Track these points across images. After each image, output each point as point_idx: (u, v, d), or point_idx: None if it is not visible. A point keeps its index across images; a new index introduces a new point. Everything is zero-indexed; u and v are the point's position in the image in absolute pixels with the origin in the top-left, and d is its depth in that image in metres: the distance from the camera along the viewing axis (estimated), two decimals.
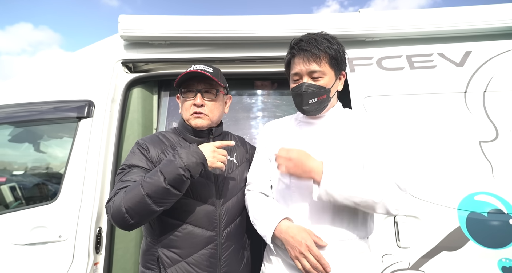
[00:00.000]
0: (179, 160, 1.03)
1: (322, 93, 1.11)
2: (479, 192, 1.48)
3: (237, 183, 1.31)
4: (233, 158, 1.35)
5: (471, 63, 1.64)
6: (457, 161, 1.52)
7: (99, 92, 1.85)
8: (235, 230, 1.26)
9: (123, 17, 1.84)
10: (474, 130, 1.55)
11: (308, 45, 1.10)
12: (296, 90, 1.14)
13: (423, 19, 1.86)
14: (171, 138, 1.30)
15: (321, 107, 1.14)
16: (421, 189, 1.51)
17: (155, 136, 1.30)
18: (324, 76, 1.11)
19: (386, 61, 1.72)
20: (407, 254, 1.48)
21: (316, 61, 1.09)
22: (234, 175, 1.31)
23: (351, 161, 1.09)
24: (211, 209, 1.21)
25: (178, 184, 1.02)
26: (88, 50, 1.99)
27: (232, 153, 1.37)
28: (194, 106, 1.25)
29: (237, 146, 1.43)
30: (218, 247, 1.19)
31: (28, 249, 1.61)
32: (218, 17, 1.91)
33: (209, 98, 1.27)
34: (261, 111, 2.13)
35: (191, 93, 1.27)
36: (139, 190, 1.01)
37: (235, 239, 1.26)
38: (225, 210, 1.23)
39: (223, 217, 1.22)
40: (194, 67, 1.25)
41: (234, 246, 1.25)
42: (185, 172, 1.01)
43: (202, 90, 1.26)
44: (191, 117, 1.26)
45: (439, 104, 1.60)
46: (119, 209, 1.02)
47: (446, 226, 1.47)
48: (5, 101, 1.84)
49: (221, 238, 1.20)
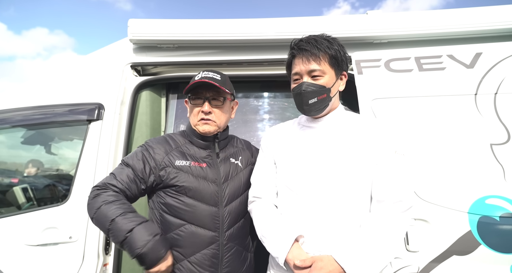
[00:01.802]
0: (143, 243, 1.08)
1: (322, 92, 1.10)
2: (491, 196, 1.45)
3: (241, 186, 1.33)
4: (238, 161, 1.38)
5: (481, 65, 1.62)
6: (468, 164, 1.49)
7: (108, 95, 1.88)
8: (238, 232, 1.28)
9: (132, 21, 1.87)
10: (485, 133, 1.53)
11: (307, 45, 1.11)
12: (296, 90, 1.14)
13: (432, 20, 1.85)
14: (178, 140, 1.35)
15: (322, 107, 1.13)
16: (431, 192, 1.49)
17: (162, 138, 1.36)
18: (324, 75, 1.11)
19: (394, 63, 1.70)
20: (416, 258, 1.46)
21: (316, 61, 1.10)
22: (238, 178, 1.33)
23: (350, 164, 1.08)
24: (214, 210, 1.23)
25: (122, 244, 1.10)
26: (98, 54, 2.03)
27: (237, 155, 1.40)
28: (202, 113, 1.29)
29: (243, 149, 1.45)
30: (220, 248, 1.22)
31: (39, 249, 1.64)
32: (225, 20, 1.93)
33: (216, 105, 1.31)
34: (268, 114, 2.13)
35: (199, 100, 1.31)
36: (107, 221, 1.10)
37: (237, 241, 1.28)
38: (228, 212, 1.25)
39: (226, 219, 1.24)
40: (203, 75, 1.30)
41: (237, 247, 1.27)
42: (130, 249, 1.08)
43: (210, 97, 1.30)
44: (199, 123, 1.30)
45: (449, 106, 1.58)
46: (90, 208, 1.15)
47: (457, 229, 1.44)
48: (18, 105, 1.88)
49: (223, 239, 1.23)
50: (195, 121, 1.31)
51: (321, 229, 1.07)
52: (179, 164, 1.25)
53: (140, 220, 1.12)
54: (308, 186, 1.11)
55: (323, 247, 1.06)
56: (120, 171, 1.23)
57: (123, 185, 1.19)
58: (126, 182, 1.20)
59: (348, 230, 1.06)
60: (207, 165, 1.30)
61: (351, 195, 1.07)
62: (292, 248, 1.05)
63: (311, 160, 1.13)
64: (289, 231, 1.08)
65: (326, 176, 1.09)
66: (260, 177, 1.28)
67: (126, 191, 1.20)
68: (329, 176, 1.09)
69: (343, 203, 1.07)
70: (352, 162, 1.08)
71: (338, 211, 1.07)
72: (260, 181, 1.27)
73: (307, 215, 1.10)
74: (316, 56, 1.09)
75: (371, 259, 0.97)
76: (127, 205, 1.15)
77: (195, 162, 1.28)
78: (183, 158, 1.28)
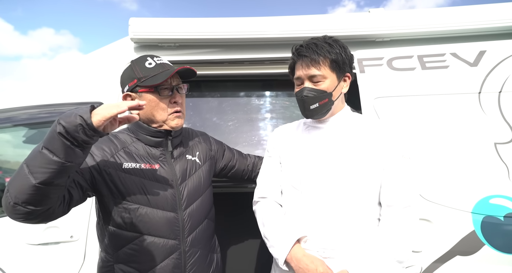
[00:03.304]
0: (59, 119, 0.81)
1: (324, 97, 1.11)
2: (495, 195, 1.44)
3: (201, 184, 1.22)
4: (195, 157, 1.25)
5: (485, 63, 1.60)
6: (472, 163, 1.48)
7: (110, 94, 1.87)
8: (201, 235, 1.19)
9: (133, 20, 1.86)
10: (489, 132, 1.51)
11: (307, 50, 1.11)
12: (298, 95, 1.15)
13: (435, 18, 1.82)
14: (124, 139, 1.16)
15: (324, 111, 1.14)
16: (434, 192, 1.47)
17: (105, 137, 1.13)
18: (324, 80, 1.11)
19: (396, 62, 1.69)
20: (419, 258, 1.44)
21: (316, 66, 1.10)
22: (197, 176, 1.22)
23: (356, 164, 1.09)
24: (171, 216, 1.11)
25: (53, 145, 0.80)
26: (99, 52, 2.03)
27: (193, 151, 1.27)
28: (175, 104, 1.14)
29: (199, 143, 1.33)
30: (182, 256, 1.12)
31: (41, 248, 1.64)
32: (227, 18, 1.92)
33: (181, 94, 1.18)
34: (270, 113, 2.12)
35: (166, 91, 1.12)
36: (20, 164, 0.85)
37: (201, 245, 1.19)
38: (189, 215, 1.14)
39: (187, 223, 1.13)
40: (159, 62, 1.13)
41: (201, 251, 1.18)
42: (57, 127, 0.79)
43: (177, 86, 1.15)
44: (170, 117, 1.14)
45: (452, 105, 1.56)
46: (4, 190, 0.86)
47: (460, 229, 1.43)
48: (19, 104, 1.88)
49: (185, 246, 1.12)
50: (165, 116, 1.12)
51: (325, 227, 1.08)
52: (127, 167, 1.08)
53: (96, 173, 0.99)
54: (314, 185, 1.12)
55: (327, 245, 1.07)
56: None
57: None
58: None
59: (353, 228, 1.07)
60: (160, 165, 1.14)
61: (356, 193, 1.08)
62: (294, 247, 1.05)
63: (317, 159, 1.14)
64: (290, 233, 1.09)
65: (332, 175, 1.10)
66: (265, 178, 1.29)
67: None
68: (334, 175, 1.10)
69: (348, 201, 1.08)
70: (357, 162, 1.09)
71: (342, 209, 1.07)
72: (266, 181, 1.28)
73: (312, 213, 1.10)
74: (316, 62, 1.09)
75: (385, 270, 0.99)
76: None
77: (146, 163, 1.12)
78: (131, 159, 1.10)
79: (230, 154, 1.47)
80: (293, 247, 1.06)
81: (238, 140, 2.01)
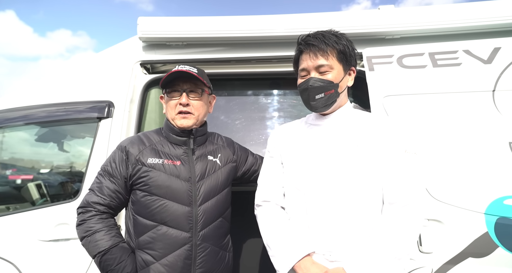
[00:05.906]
0: None
1: (330, 88, 1.08)
2: (509, 196, 1.40)
3: (218, 184, 1.30)
4: (216, 159, 1.35)
5: (500, 60, 1.55)
6: (485, 163, 1.44)
7: (118, 93, 1.89)
8: (213, 232, 1.26)
9: (141, 19, 1.88)
10: (503, 131, 1.46)
11: (315, 40, 1.09)
12: (303, 85, 1.12)
13: (447, 14, 1.78)
14: (153, 138, 1.32)
15: (329, 103, 1.11)
16: (445, 192, 1.44)
17: (136, 136, 1.33)
18: (331, 71, 1.09)
19: (407, 59, 1.65)
20: (429, 259, 1.41)
21: (324, 56, 1.08)
22: (215, 176, 1.31)
23: (358, 162, 1.06)
24: (187, 209, 1.20)
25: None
26: (108, 52, 2.05)
27: (216, 153, 1.37)
28: (180, 106, 1.27)
29: (223, 147, 1.42)
30: (193, 248, 1.19)
31: (52, 245, 1.67)
32: (234, 17, 1.91)
33: (194, 97, 1.29)
34: (278, 112, 2.11)
35: (176, 93, 1.28)
36: (91, 253, 1.18)
37: (212, 241, 1.25)
38: (203, 211, 1.23)
39: (200, 218, 1.22)
40: (179, 68, 1.28)
41: (212, 247, 1.24)
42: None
43: (188, 89, 1.28)
44: (177, 117, 1.28)
45: (465, 103, 1.52)
46: (78, 234, 1.21)
47: (473, 231, 1.39)
48: (31, 102, 1.92)
49: (197, 239, 1.20)
50: (173, 115, 1.28)
51: (331, 230, 1.05)
52: (151, 162, 1.22)
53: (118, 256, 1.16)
54: (317, 186, 1.09)
55: (334, 248, 1.04)
56: (99, 186, 1.22)
57: (105, 200, 1.19)
58: (108, 195, 1.20)
59: (358, 229, 1.04)
60: (181, 162, 1.26)
61: (359, 193, 1.05)
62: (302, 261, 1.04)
63: (319, 158, 1.11)
64: (295, 246, 1.06)
65: (334, 174, 1.07)
66: (267, 180, 1.25)
67: (111, 203, 1.21)
68: (337, 174, 1.07)
69: (352, 202, 1.05)
70: (359, 160, 1.06)
71: (346, 210, 1.05)
72: (268, 184, 1.24)
73: (317, 216, 1.08)
74: (324, 51, 1.08)
75: (385, 269, 0.96)
76: (108, 235, 1.17)
77: (169, 160, 1.25)
78: (155, 155, 1.25)
79: (253, 160, 1.56)
80: (303, 258, 1.04)
81: (245, 138, 2.00)
